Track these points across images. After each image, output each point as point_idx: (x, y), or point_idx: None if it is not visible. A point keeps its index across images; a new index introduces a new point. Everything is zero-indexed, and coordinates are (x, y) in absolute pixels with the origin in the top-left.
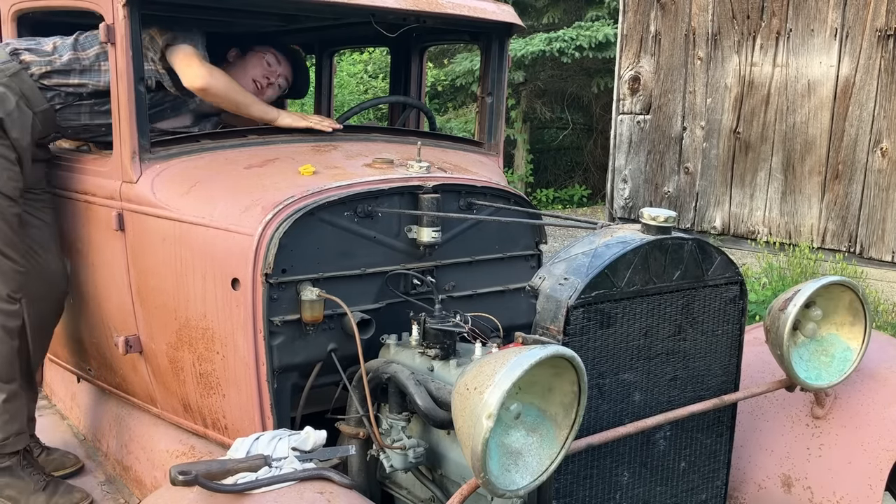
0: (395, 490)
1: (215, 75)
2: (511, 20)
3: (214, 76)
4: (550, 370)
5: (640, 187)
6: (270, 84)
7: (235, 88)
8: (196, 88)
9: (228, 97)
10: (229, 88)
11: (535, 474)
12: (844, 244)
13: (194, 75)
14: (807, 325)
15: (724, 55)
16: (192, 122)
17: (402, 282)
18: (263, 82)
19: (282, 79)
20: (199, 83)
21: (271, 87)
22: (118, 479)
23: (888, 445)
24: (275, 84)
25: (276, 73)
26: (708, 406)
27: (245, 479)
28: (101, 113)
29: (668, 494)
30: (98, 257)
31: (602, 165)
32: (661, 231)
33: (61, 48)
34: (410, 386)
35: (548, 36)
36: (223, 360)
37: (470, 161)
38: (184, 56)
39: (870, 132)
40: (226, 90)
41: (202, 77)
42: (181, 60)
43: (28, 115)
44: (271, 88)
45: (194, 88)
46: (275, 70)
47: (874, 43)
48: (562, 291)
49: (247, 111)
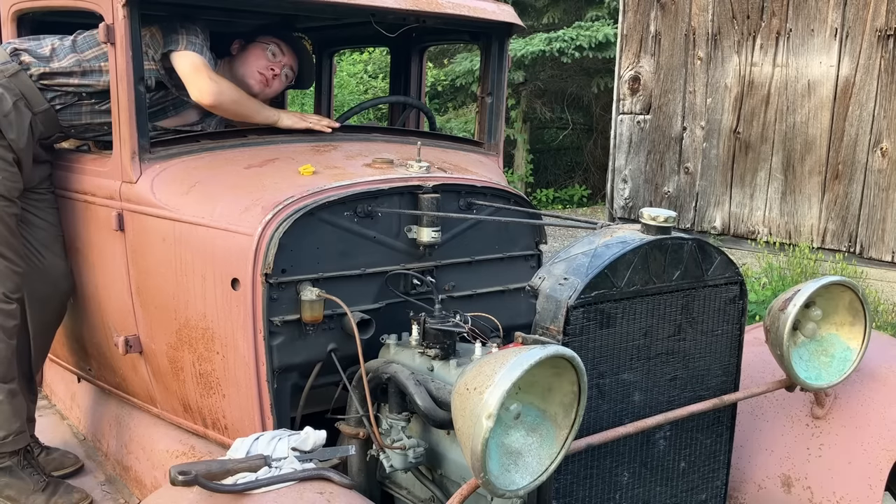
0: (395, 490)
1: (223, 89)
2: (511, 20)
3: (223, 90)
4: (550, 370)
5: (640, 187)
6: (276, 76)
7: (242, 100)
8: (205, 105)
9: (237, 111)
10: (236, 101)
11: (535, 474)
12: (844, 244)
13: (203, 91)
14: (807, 325)
15: (724, 55)
16: (197, 118)
17: (402, 282)
18: (269, 74)
19: (287, 69)
20: (209, 100)
21: (277, 79)
22: (118, 479)
23: (888, 445)
24: (280, 75)
25: (282, 64)
26: (708, 406)
27: (245, 479)
28: (103, 112)
29: (667, 494)
30: (98, 257)
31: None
32: (661, 231)
33: (60, 50)
34: (410, 386)
35: (548, 36)
36: (223, 360)
37: (470, 161)
38: (191, 67)
39: (870, 132)
40: (234, 104)
41: (212, 94)
42: (188, 72)
43: (27, 115)
44: (277, 80)
45: (203, 104)
46: (280, 61)
47: (874, 43)
48: (562, 291)
49: (253, 120)
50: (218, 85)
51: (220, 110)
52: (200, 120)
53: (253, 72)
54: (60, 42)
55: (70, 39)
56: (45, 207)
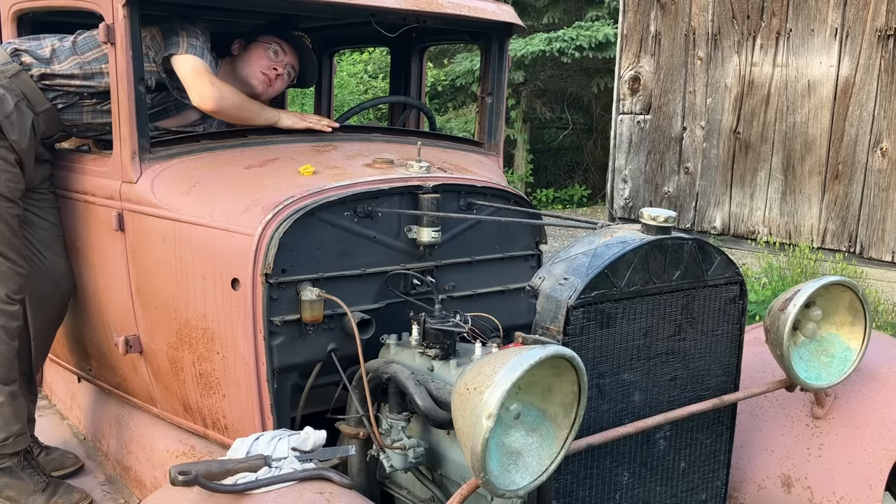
0: (395, 490)
1: (224, 94)
2: (511, 20)
3: (224, 95)
4: (550, 370)
5: (640, 187)
6: (279, 75)
7: (243, 104)
8: (206, 110)
9: (238, 115)
10: (237, 105)
11: (535, 474)
12: (844, 244)
13: (204, 96)
14: (807, 325)
15: (724, 55)
16: (198, 117)
17: (402, 282)
18: (272, 74)
19: (289, 67)
20: (210, 105)
21: (280, 79)
22: (118, 479)
23: (888, 445)
24: (283, 74)
25: (283, 63)
26: (708, 406)
27: (245, 480)
28: (104, 112)
29: (667, 494)
30: (98, 257)
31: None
32: (661, 231)
33: (60, 51)
34: (410, 386)
35: (548, 36)
36: (223, 360)
37: (470, 161)
38: (192, 71)
39: (870, 132)
40: (235, 108)
41: (213, 99)
42: (189, 76)
43: (29, 116)
44: (280, 80)
45: (205, 110)
46: (281, 60)
47: (874, 43)
48: (562, 291)
49: (255, 123)
50: (219, 90)
51: (221, 115)
52: (202, 120)
53: (256, 72)
54: (60, 43)
55: (70, 40)
56: (47, 207)
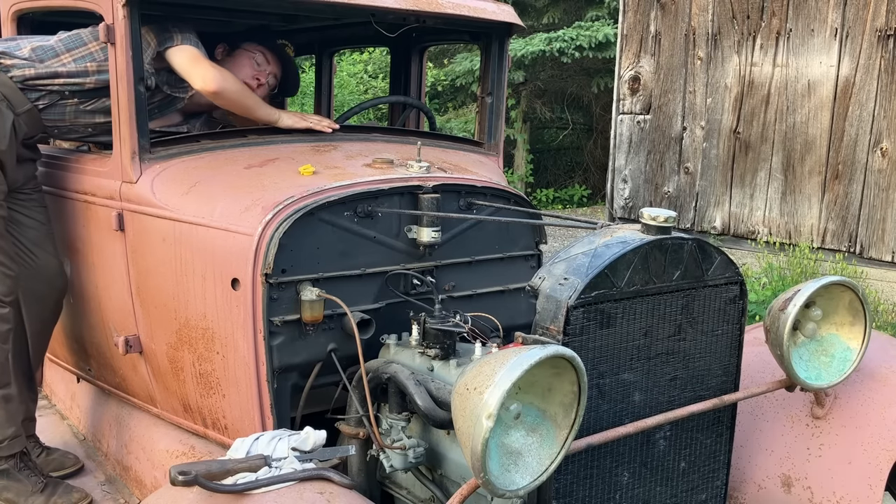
0: (395, 490)
1: (226, 77)
2: (511, 20)
3: (226, 77)
4: (550, 370)
5: (640, 187)
6: (261, 85)
7: (244, 91)
8: (209, 92)
9: (239, 100)
10: (239, 91)
11: (535, 474)
12: (844, 244)
13: (206, 78)
14: (807, 325)
15: (724, 55)
16: (180, 120)
17: (402, 282)
18: (254, 83)
19: (271, 77)
20: (213, 86)
21: (262, 88)
22: (118, 479)
23: (888, 445)
24: (265, 84)
25: (266, 73)
26: (708, 406)
27: (245, 480)
28: (87, 112)
29: (667, 494)
30: (98, 257)
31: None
32: (661, 231)
33: (41, 51)
34: (410, 386)
35: (548, 36)
36: (223, 360)
37: (470, 161)
38: (191, 57)
39: (870, 132)
40: (237, 93)
41: (215, 80)
42: (188, 62)
43: (9, 117)
44: (262, 88)
45: (207, 92)
46: (264, 69)
47: (874, 43)
48: (562, 291)
49: (254, 114)
50: (221, 73)
51: (223, 98)
52: (184, 121)
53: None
54: (41, 43)
55: (53, 39)
56: (34, 206)
